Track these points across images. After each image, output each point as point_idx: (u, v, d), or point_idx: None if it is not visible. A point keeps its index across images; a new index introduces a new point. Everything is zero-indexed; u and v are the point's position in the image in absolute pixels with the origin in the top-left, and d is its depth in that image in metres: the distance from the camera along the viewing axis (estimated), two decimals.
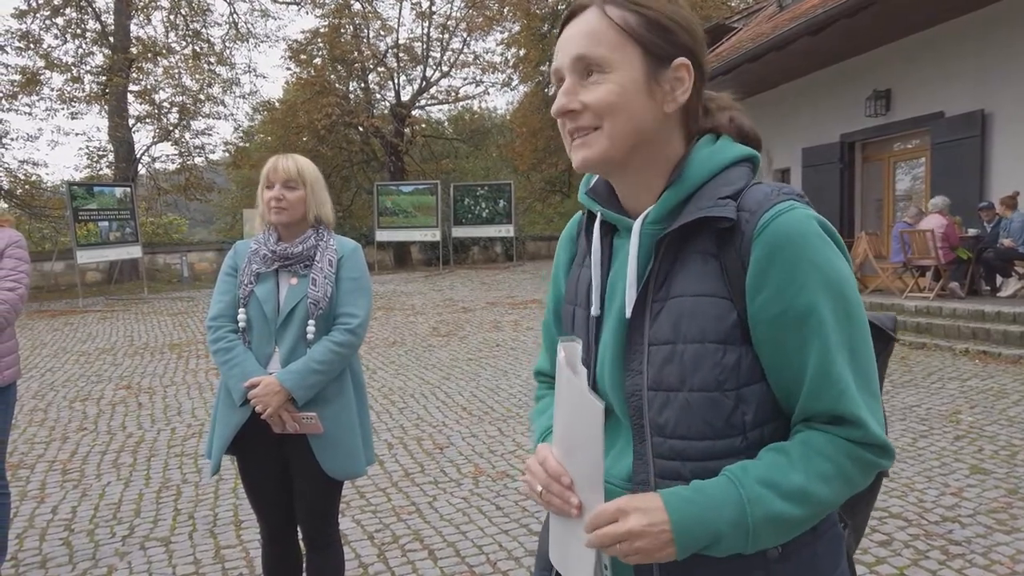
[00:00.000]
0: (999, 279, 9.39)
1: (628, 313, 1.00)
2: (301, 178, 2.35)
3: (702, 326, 0.95)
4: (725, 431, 0.95)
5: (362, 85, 25.58)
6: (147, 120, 22.23)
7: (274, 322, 2.31)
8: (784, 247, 0.91)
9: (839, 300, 0.93)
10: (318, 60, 24.49)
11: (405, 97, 25.58)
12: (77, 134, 55.07)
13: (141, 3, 21.16)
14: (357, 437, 2.39)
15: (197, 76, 22.46)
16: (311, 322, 2.30)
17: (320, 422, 2.29)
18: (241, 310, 2.34)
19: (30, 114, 39.79)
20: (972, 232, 9.42)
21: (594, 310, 1.07)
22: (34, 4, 20.11)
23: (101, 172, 22.53)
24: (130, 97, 21.54)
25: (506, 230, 20.95)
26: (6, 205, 19.08)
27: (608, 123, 0.97)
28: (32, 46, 20.12)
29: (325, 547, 2.44)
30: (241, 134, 28.05)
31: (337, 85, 24.63)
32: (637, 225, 1.01)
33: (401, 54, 25.01)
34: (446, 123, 31.22)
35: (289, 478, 2.39)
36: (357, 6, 23.85)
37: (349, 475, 2.38)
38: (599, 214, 1.08)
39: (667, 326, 0.97)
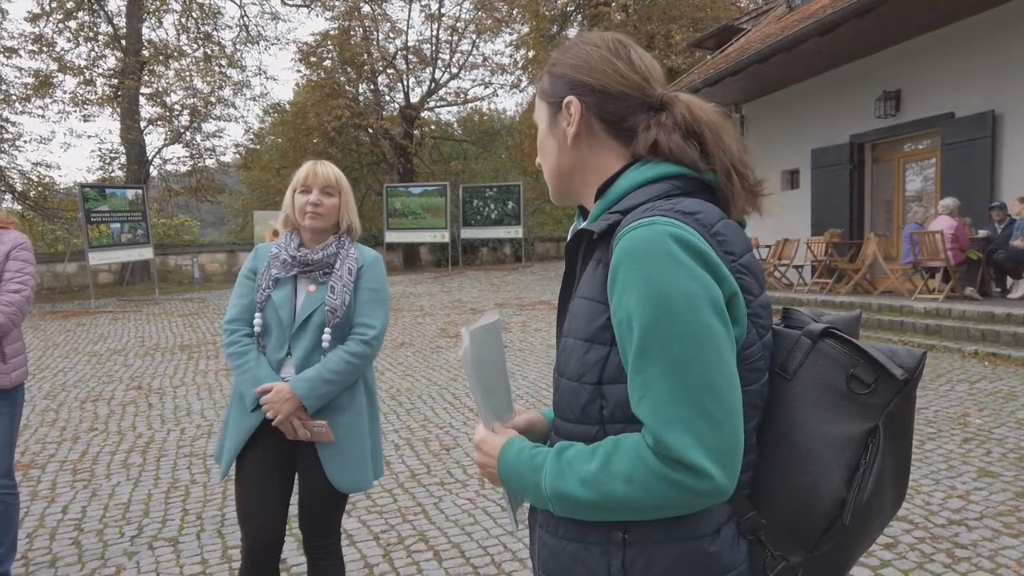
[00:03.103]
0: (1009, 280, 9.33)
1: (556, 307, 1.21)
2: (338, 186, 2.35)
3: (578, 325, 1.07)
4: (582, 418, 1.06)
5: (371, 87, 25.67)
6: (159, 122, 22.39)
7: (289, 328, 2.28)
8: (625, 260, 0.98)
9: (663, 314, 0.94)
10: (328, 62, 24.59)
11: (414, 99, 25.64)
12: (89, 136, 55.60)
13: (153, 6, 21.30)
14: (367, 449, 2.36)
15: (208, 78, 22.62)
16: (327, 330, 2.27)
17: (331, 431, 2.26)
18: (257, 314, 2.30)
19: (43, 116, 40.38)
20: (982, 233, 9.36)
21: None
22: (47, 8, 20.32)
23: (113, 174, 22.72)
24: (142, 99, 21.71)
25: (515, 231, 20.94)
26: (19, 207, 19.24)
27: (544, 169, 1.24)
28: (45, 49, 20.31)
29: (327, 557, 2.40)
30: (252, 136, 28.16)
31: (347, 87, 24.73)
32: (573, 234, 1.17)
33: (410, 56, 25.07)
34: (455, 125, 31.25)
35: (289, 491, 2.35)
36: (367, 8, 23.92)
37: (355, 488, 2.34)
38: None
39: (569, 322, 1.11)
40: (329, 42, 23.86)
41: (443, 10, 25.06)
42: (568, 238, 1.15)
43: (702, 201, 1.05)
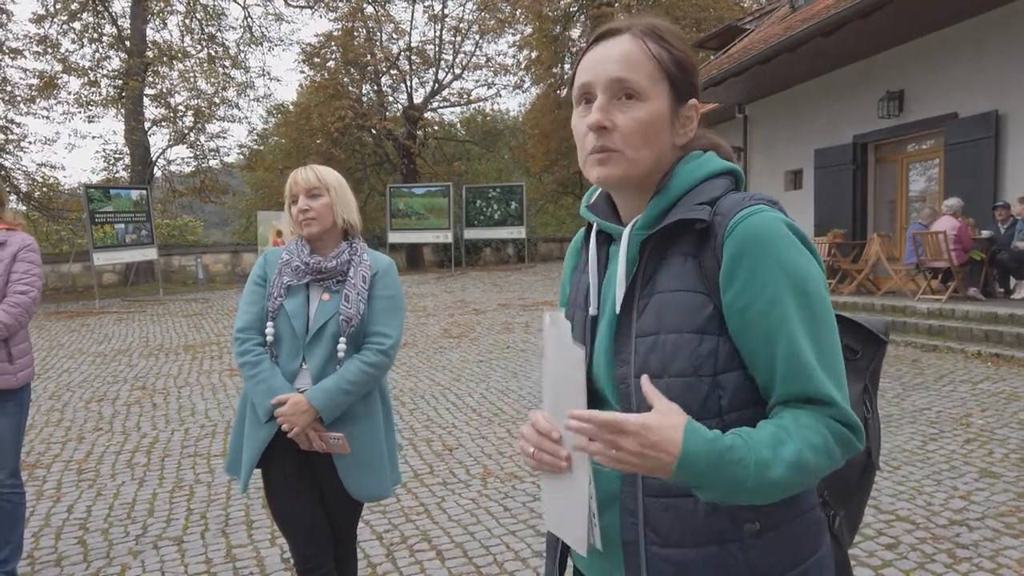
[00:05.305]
0: (1012, 281, 9.32)
1: (618, 308, 1.10)
2: (323, 184, 2.27)
3: (680, 318, 1.04)
4: (701, 413, 1.01)
5: (375, 88, 25.69)
6: (163, 123, 22.47)
7: (303, 338, 2.23)
8: (750, 246, 1.01)
9: (802, 295, 1.01)
10: (331, 63, 24.62)
11: (417, 100, 25.66)
12: (94, 137, 55.63)
13: (157, 7, 21.36)
14: (384, 458, 2.33)
15: (212, 79, 22.68)
16: (342, 340, 2.22)
17: (347, 443, 2.22)
18: (269, 323, 2.24)
19: (48, 118, 40.52)
20: (985, 234, 9.36)
21: (592, 310, 1.17)
22: (52, 9, 20.40)
23: (117, 175, 22.80)
24: (146, 100, 21.79)
25: (518, 232, 20.97)
26: (24, 208, 19.30)
27: (632, 149, 1.07)
28: (50, 50, 20.40)
29: (343, 558, 2.42)
30: (255, 137, 28.29)
31: (350, 88, 24.75)
32: (627, 231, 1.12)
33: (414, 57, 25.10)
34: (458, 125, 31.28)
35: (320, 494, 2.32)
36: (370, 9, 23.95)
37: (373, 497, 2.31)
38: (595, 225, 1.21)
39: (651, 319, 1.06)
40: (332, 43, 23.91)
41: (446, 11, 25.11)
42: (626, 235, 1.11)
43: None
